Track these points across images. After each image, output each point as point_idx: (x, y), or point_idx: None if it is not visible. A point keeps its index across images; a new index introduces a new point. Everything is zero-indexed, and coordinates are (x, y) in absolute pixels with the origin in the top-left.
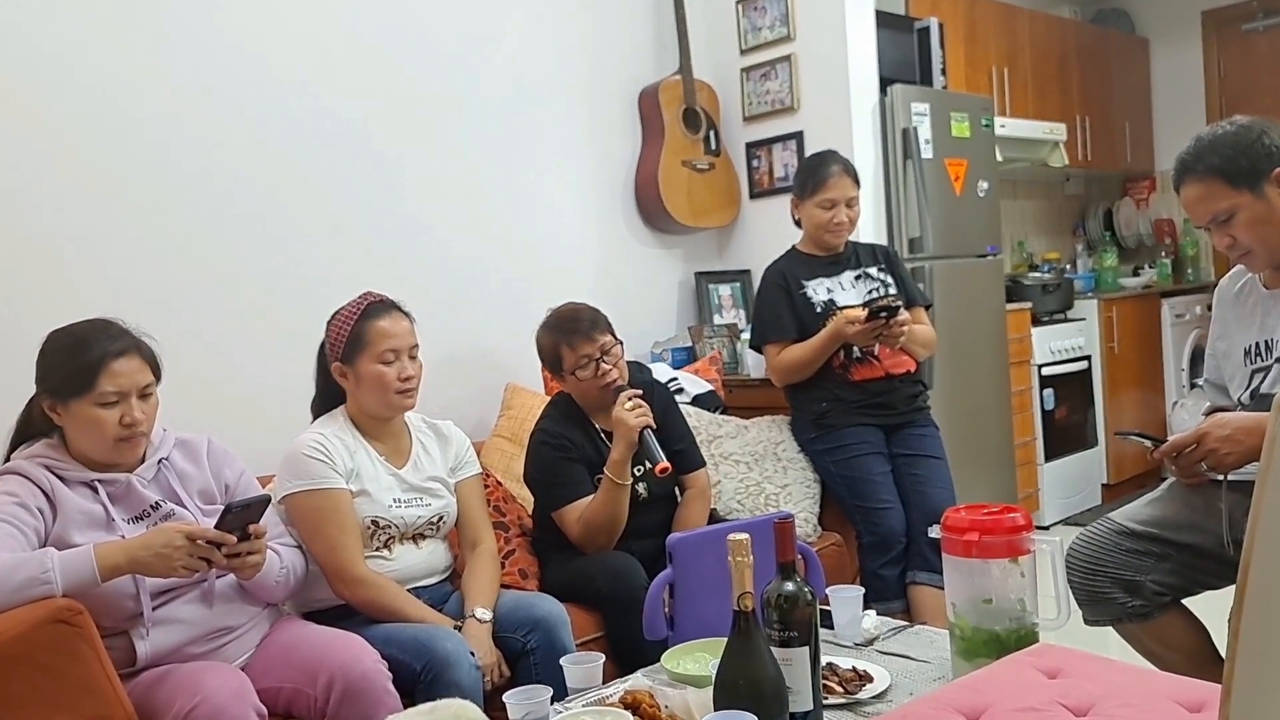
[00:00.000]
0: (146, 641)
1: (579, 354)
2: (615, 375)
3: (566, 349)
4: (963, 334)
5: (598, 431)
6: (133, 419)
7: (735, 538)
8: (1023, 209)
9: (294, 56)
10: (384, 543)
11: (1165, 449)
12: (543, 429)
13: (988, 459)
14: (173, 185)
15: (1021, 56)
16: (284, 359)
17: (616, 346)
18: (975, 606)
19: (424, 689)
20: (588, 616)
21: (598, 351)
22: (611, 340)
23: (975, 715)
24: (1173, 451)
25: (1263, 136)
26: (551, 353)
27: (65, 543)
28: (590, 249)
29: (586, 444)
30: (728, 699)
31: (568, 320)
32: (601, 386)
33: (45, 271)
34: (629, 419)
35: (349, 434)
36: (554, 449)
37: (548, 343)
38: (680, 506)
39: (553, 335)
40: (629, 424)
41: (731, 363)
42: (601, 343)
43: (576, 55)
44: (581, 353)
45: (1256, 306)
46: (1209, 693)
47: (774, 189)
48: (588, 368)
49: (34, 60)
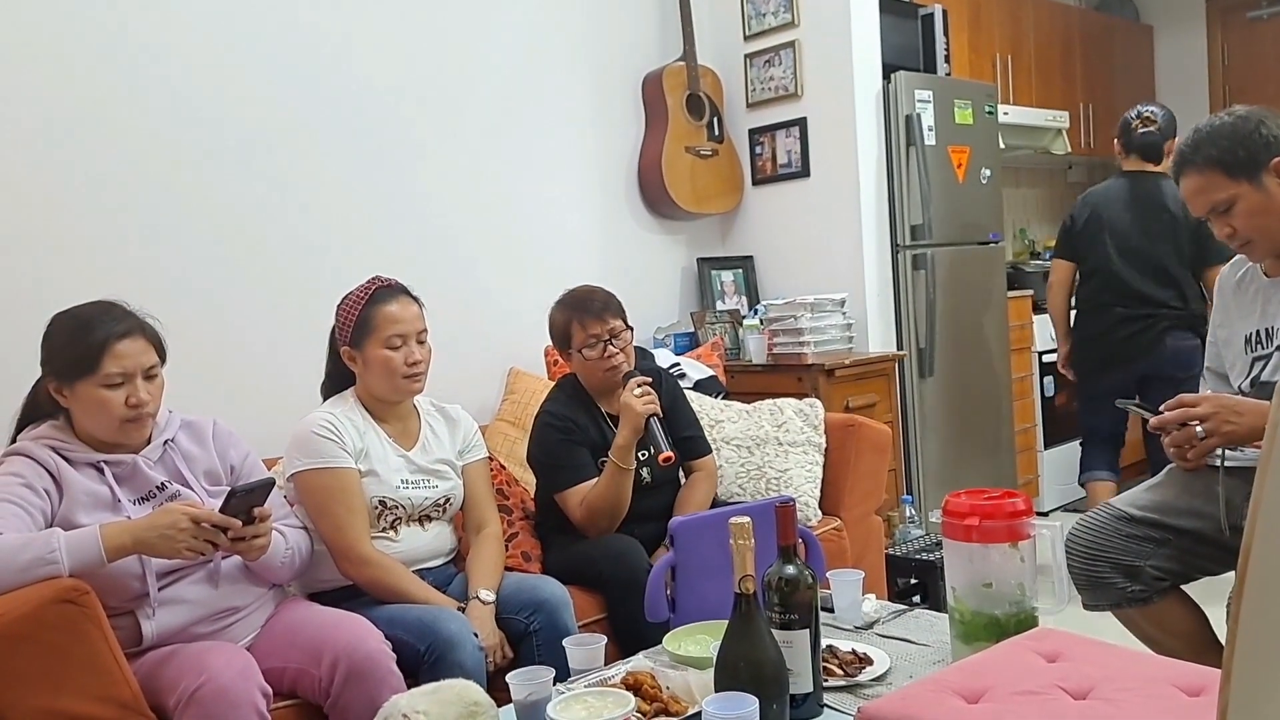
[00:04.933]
0: (152, 621)
1: (588, 332)
2: (622, 360)
3: (577, 326)
4: (964, 321)
5: (603, 415)
6: (138, 400)
7: (737, 521)
8: (1025, 196)
9: (301, 41)
10: (390, 523)
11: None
12: (548, 410)
13: (988, 445)
14: (179, 171)
15: (1025, 43)
16: (292, 342)
17: (626, 332)
18: (975, 590)
19: (427, 670)
20: (590, 599)
21: (607, 333)
22: (622, 325)
23: (975, 698)
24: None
25: (1260, 127)
26: (562, 328)
27: (71, 523)
28: (593, 234)
29: (591, 427)
30: (728, 680)
31: (582, 298)
32: (606, 369)
33: (50, 255)
34: (636, 405)
35: (358, 415)
36: (558, 431)
37: (560, 318)
38: (685, 487)
39: (565, 311)
40: (636, 410)
41: (733, 348)
42: (612, 325)
43: (580, 41)
44: (591, 331)
45: (1257, 295)
46: (1208, 678)
47: (777, 176)
48: (595, 347)
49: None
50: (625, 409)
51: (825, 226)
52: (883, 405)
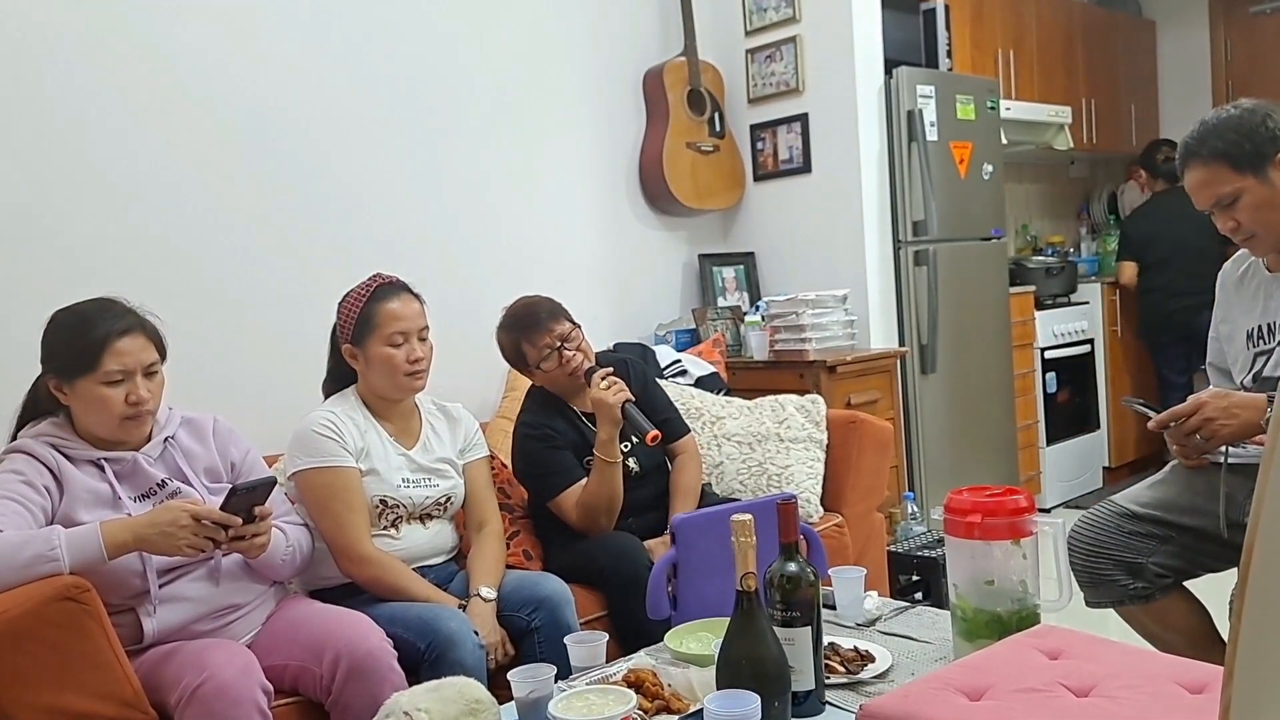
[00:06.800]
0: (153, 619)
1: (539, 346)
2: (580, 359)
3: (527, 345)
4: (966, 317)
5: (578, 415)
6: (138, 397)
7: (738, 518)
8: (1027, 192)
9: (301, 40)
10: (391, 522)
11: (1162, 417)
12: (524, 421)
13: (990, 442)
14: (180, 167)
15: (1028, 38)
16: (293, 340)
17: (576, 331)
18: (977, 588)
19: (428, 667)
20: (591, 596)
21: (557, 340)
22: (570, 326)
23: (977, 695)
24: (1169, 420)
25: (1266, 120)
26: (513, 351)
27: (72, 521)
28: (594, 230)
29: (569, 430)
30: (730, 678)
31: (522, 315)
32: (569, 374)
33: (51, 252)
34: (608, 397)
35: (360, 413)
36: (538, 440)
37: (507, 342)
38: (674, 472)
39: (510, 334)
40: (609, 402)
41: (735, 345)
42: (559, 331)
43: (581, 37)
44: (541, 344)
45: (1259, 290)
46: (1211, 674)
47: (778, 171)
48: (551, 358)
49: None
50: (598, 405)
51: (827, 222)
52: (884, 402)
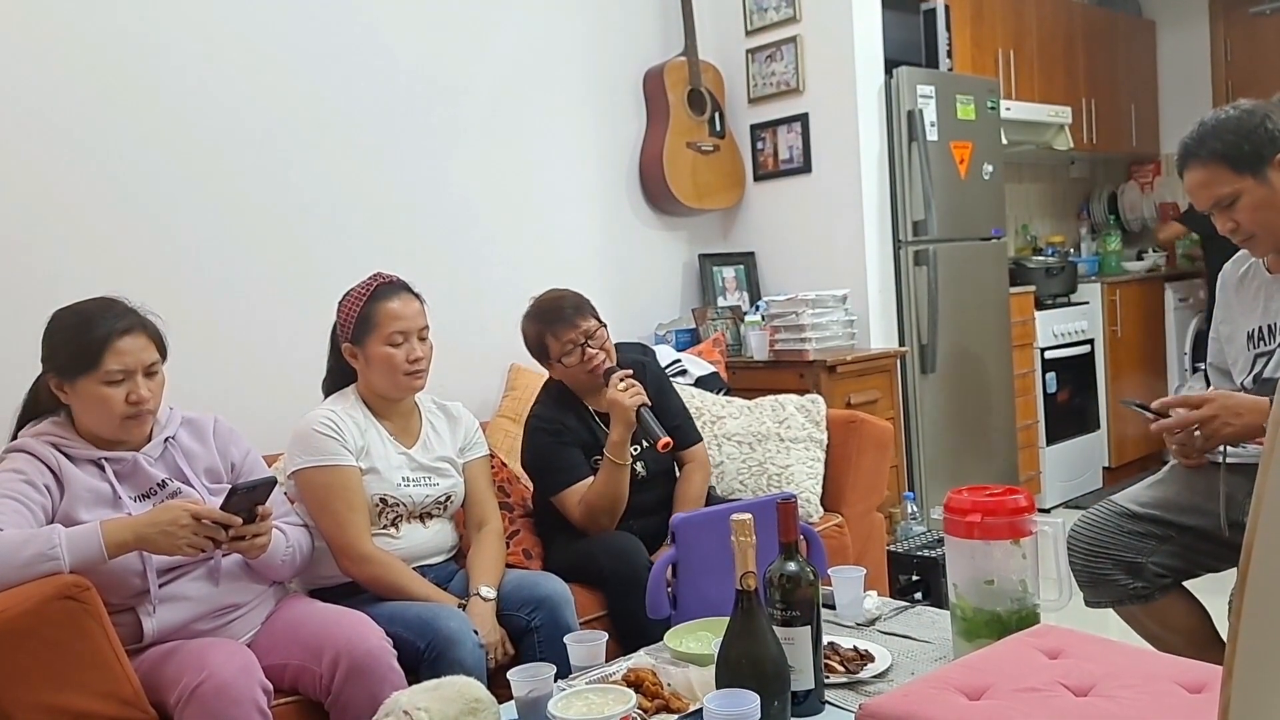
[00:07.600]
0: (153, 618)
1: (563, 341)
2: (602, 358)
3: (551, 338)
4: (966, 317)
5: (591, 414)
6: (139, 396)
7: (738, 518)
8: (1027, 192)
9: (302, 39)
10: (391, 521)
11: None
12: (536, 415)
13: (990, 442)
14: (181, 167)
15: (1028, 39)
16: (293, 339)
17: (601, 330)
18: (977, 587)
19: (428, 666)
20: (591, 595)
21: (581, 337)
22: (595, 324)
23: (976, 695)
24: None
25: (1266, 121)
26: (537, 342)
27: (72, 520)
28: (594, 230)
29: (581, 427)
30: (730, 677)
31: (550, 308)
32: (589, 371)
33: (51, 251)
34: (624, 399)
35: (360, 412)
36: (549, 434)
37: (532, 332)
38: (680, 481)
39: (536, 324)
40: (625, 404)
41: (735, 344)
42: (585, 327)
43: (582, 36)
44: (566, 339)
45: (1260, 291)
46: (1210, 674)
47: (778, 171)
48: (573, 354)
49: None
50: (614, 406)
51: (827, 222)
52: (884, 401)
